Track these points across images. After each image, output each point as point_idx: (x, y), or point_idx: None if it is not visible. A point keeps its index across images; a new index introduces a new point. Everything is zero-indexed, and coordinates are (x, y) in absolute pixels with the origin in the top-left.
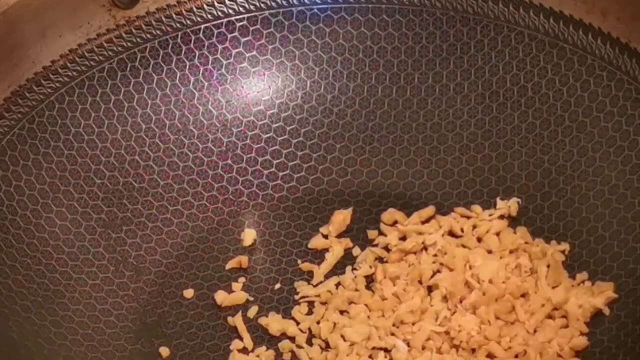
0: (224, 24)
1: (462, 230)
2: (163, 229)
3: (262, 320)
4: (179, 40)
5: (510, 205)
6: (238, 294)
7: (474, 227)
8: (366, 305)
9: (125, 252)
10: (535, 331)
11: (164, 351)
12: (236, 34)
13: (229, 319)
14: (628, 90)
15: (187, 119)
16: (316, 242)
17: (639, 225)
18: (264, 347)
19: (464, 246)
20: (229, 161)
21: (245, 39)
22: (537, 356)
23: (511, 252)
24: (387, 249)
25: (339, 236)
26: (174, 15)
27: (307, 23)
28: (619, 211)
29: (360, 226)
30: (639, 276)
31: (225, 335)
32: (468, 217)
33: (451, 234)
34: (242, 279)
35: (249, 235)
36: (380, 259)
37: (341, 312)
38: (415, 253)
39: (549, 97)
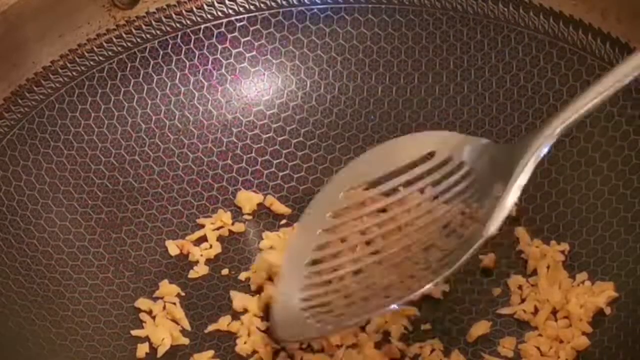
0: (224, 24)
1: None
2: (163, 229)
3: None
4: (178, 41)
5: None
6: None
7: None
8: None
9: (125, 252)
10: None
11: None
12: (236, 34)
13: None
14: (628, 90)
15: (187, 119)
16: None
17: (639, 226)
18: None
19: None
20: (229, 161)
21: (245, 39)
22: (538, 356)
23: None
24: None
25: None
26: (174, 15)
27: (307, 23)
28: (619, 211)
29: None
30: (639, 276)
31: (225, 336)
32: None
33: None
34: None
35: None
36: None
37: None
38: None
39: (549, 97)
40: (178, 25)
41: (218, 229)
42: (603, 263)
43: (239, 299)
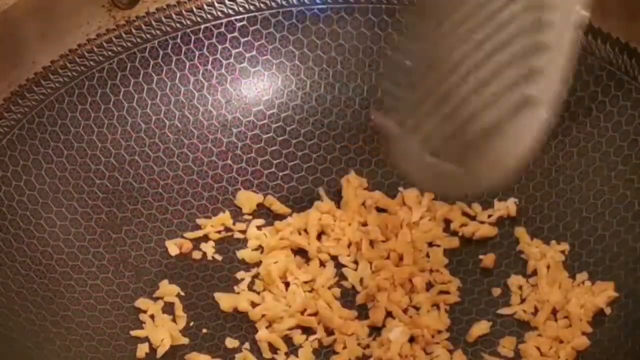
0: (223, 24)
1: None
2: (163, 229)
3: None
4: (178, 41)
5: (508, 205)
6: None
7: (464, 225)
8: None
9: (125, 252)
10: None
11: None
12: (236, 34)
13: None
14: (628, 90)
15: (187, 119)
16: None
17: (639, 225)
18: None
19: None
20: (229, 161)
21: (245, 39)
22: (538, 356)
23: None
24: None
25: None
26: (174, 16)
27: (307, 23)
28: (619, 211)
29: None
30: (639, 276)
31: (225, 335)
32: (469, 215)
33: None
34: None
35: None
36: None
37: None
38: None
39: None
40: (178, 25)
41: (218, 229)
42: (603, 263)
43: (225, 300)
